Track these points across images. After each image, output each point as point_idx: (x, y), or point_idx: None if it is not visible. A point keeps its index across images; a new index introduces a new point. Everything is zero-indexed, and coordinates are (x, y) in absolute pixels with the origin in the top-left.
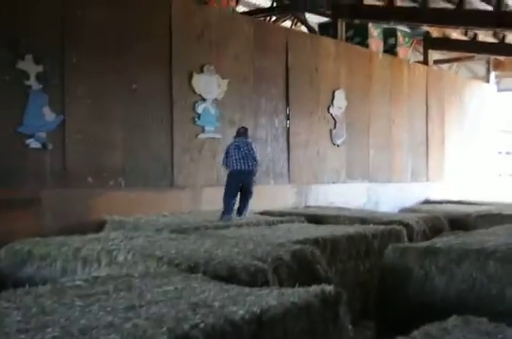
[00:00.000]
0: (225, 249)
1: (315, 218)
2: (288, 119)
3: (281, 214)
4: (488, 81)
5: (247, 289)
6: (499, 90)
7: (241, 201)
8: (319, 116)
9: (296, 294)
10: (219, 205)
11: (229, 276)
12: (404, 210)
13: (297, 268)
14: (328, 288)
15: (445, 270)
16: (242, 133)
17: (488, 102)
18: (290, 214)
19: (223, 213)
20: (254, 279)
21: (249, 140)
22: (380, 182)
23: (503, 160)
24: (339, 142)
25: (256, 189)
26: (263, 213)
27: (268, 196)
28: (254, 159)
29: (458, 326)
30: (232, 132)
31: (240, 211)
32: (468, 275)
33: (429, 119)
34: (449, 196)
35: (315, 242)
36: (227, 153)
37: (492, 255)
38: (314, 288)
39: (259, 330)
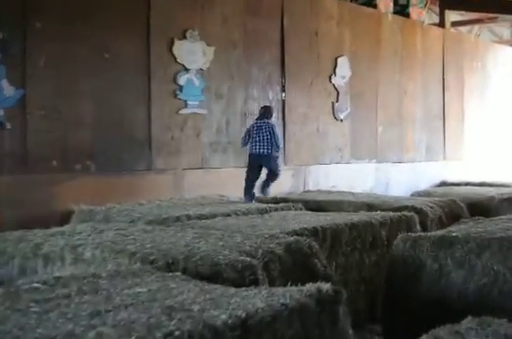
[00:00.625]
0: (209, 242)
1: (315, 205)
2: (283, 90)
3: (275, 200)
4: None
5: (232, 289)
6: None
7: (264, 181)
8: (319, 87)
9: (288, 294)
10: (205, 191)
11: (212, 274)
12: (417, 194)
13: (292, 264)
14: (326, 286)
15: (463, 263)
16: (264, 113)
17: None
18: (285, 200)
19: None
20: (241, 277)
21: (273, 122)
22: (390, 162)
23: None
24: (342, 117)
25: (243, 172)
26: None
27: (260, 179)
28: (276, 145)
29: (473, 329)
30: (219, 106)
31: (262, 189)
32: (489, 268)
33: (446, 89)
34: (469, 177)
35: (314, 233)
36: (248, 132)
37: None
38: (309, 287)
39: (244, 337)
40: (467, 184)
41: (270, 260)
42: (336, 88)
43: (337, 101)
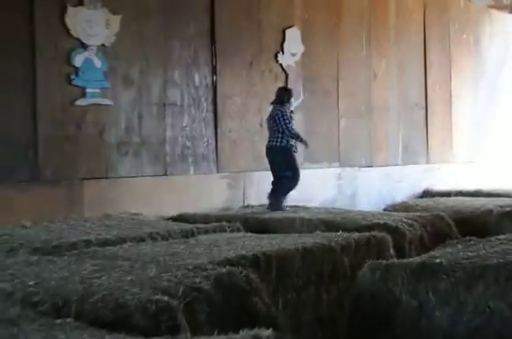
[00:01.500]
0: (113, 277)
1: (257, 224)
2: (215, 73)
3: (205, 219)
4: None
5: None
6: None
7: (273, 188)
8: (262, 68)
9: None
10: (111, 208)
11: (116, 320)
12: (392, 207)
13: (224, 304)
14: (266, 333)
15: (449, 299)
16: (276, 97)
17: None
18: (218, 218)
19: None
20: (155, 323)
21: (282, 108)
22: (357, 166)
23: None
24: (293, 107)
25: (167, 182)
26: (176, 218)
27: (186, 191)
28: (280, 131)
29: None
30: (129, 95)
31: (269, 203)
32: (483, 305)
33: (429, 70)
34: (461, 184)
35: (254, 262)
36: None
37: None
38: (244, 335)
39: None
40: (457, 193)
41: (195, 299)
42: (284, 70)
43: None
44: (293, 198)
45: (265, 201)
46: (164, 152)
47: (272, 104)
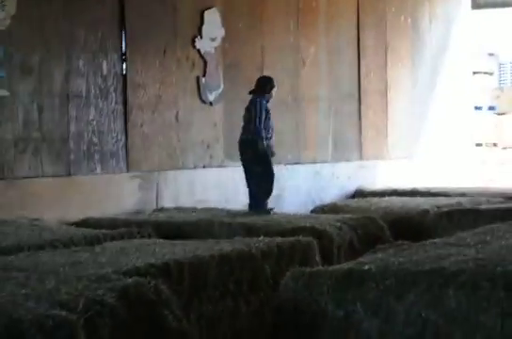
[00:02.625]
0: (5, 289)
1: (171, 230)
2: (125, 61)
3: (113, 224)
4: None
5: None
6: (476, 7)
7: (249, 191)
8: (178, 55)
9: None
10: (6, 213)
11: (8, 337)
12: (320, 209)
13: (129, 317)
14: None
15: (379, 309)
16: (257, 87)
17: (460, 26)
18: (128, 223)
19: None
20: None
21: (261, 99)
22: (282, 163)
23: (483, 121)
24: (212, 98)
25: (71, 182)
26: (81, 223)
27: (92, 193)
28: (253, 123)
29: None
30: (28, 85)
31: (249, 205)
32: (415, 315)
33: (363, 56)
34: (396, 183)
35: (164, 271)
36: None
37: (453, 280)
38: None
39: None
40: (392, 193)
41: (97, 313)
42: (203, 57)
43: (204, 75)
44: (211, 199)
45: (182, 204)
46: (67, 149)
47: (250, 93)
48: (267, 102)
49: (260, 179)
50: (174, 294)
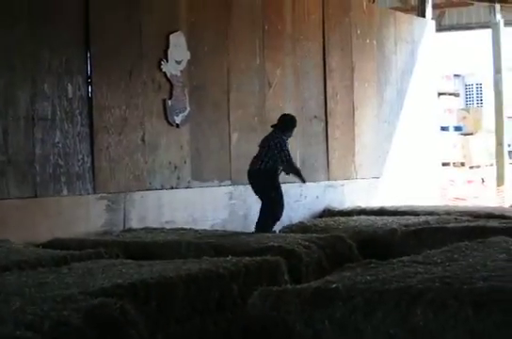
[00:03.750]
0: None
1: (138, 250)
2: (90, 83)
3: (80, 245)
4: (423, 14)
5: None
6: (441, 29)
7: (259, 217)
8: (144, 77)
9: None
10: None
11: None
12: (288, 228)
13: (95, 338)
14: None
15: (346, 327)
16: (281, 123)
17: (425, 48)
18: (95, 244)
19: None
20: None
21: (283, 135)
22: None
23: (450, 141)
24: (179, 120)
25: (38, 204)
26: (48, 245)
27: (59, 214)
28: (268, 156)
29: None
30: None
31: (256, 229)
32: (383, 333)
33: (329, 78)
34: (364, 202)
35: (131, 291)
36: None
37: (421, 298)
38: None
39: None
40: (360, 212)
41: (62, 334)
42: (169, 80)
43: (170, 97)
44: (178, 220)
45: (149, 225)
46: (33, 171)
47: (273, 127)
48: (287, 138)
49: (274, 205)
50: (141, 314)
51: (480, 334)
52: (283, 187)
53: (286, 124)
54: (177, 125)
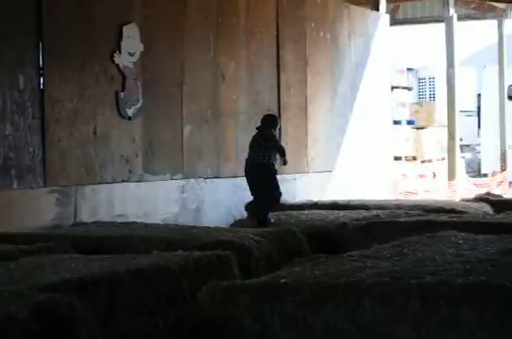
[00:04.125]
0: None
1: (89, 244)
2: (42, 75)
3: (30, 239)
4: (377, 8)
5: None
6: (395, 23)
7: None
8: (96, 69)
9: None
10: None
11: None
12: (240, 223)
13: (42, 335)
14: None
15: (295, 322)
16: (265, 123)
17: (379, 42)
18: (45, 238)
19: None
20: None
21: (270, 131)
22: (203, 177)
23: (402, 135)
24: (131, 113)
25: None
26: None
27: (8, 208)
28: (263, 149)
29: None
30: None
31: (258, 220)
32: (331, 328)
33: (282, 70)
34: (316, 196)
35: (79, 287)
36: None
37: (369, 293)
38: None
39: None
40: (312, 206)
41: (8, 330)
42: (121, 71)
43: (123, 90)
44: (130, 213)
45: (101, 219)
46: None
47: (258, 129)
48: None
49: (271, 196)
50: (89, 310)
51: (428, 329)
52: (236, 180)
53: (271, 123)
54: (129, 118)
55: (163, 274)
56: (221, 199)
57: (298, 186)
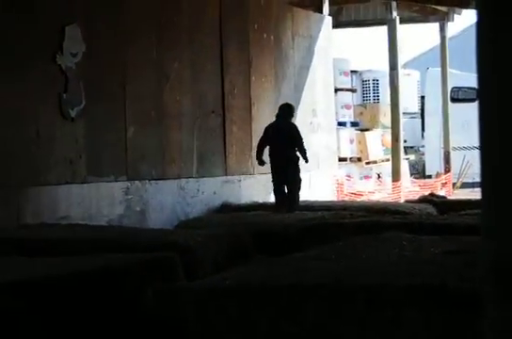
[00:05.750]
0: None
1: (32, 247)
2: None
3: None
4: (320, 10)
5: None
6: (338, 25)
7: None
8: (38, 70)
9: None
10: None
11: None
12: (185, 224)
13: None
14: None
15: (239, 323)
16: (285, 112)
17: (323, 43)
18: None
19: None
20: None
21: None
22: (147, 178)
23: (347, 136)
24: (74, 114)
25: None
26: None
27: None
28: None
29: None
30: None
31: (291, 206)
32: (276, 329)
33: (226, 72)
34: (261, 198)
35: (18, 289)
36: None
37: (313, 294)
38: None
39: None
40: (257, 208)
41: None
42: (64, 72)
43: (66, 91)
44: (74, 215)
45: (44, 220)
46: None
47: (278, 117)
48: None
49: (298, 184)
50: (29, 312)
51: (372, 330)
52: (181, 182)
53: (293, 113)
54: (72, 119)
55: (106, 276)
56: (166, 200)
57: (244, 188)
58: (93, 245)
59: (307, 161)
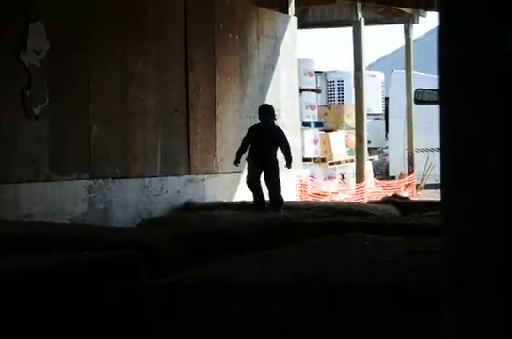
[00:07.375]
0: None
1: None
2: None
3: None
4: (285, 10)
5: None
6: (303, 26)
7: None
8: (1, 67)
9: None
10: None
11: None
12: (148, 223)
13: None
14: None
15: (203, 322)
16: (268, 113)
17: (288, 44)
18: None
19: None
20: None
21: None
22: (110, 177)
23: (311, 136)
24: (37, 111)
25: None
26: None
27: None
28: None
29: None
30: None
31: (277, 204)
32: (239, 328)
33: (191, 70)
34: (225, 197)
35: None
36: None
37: (276, 294)
38: None
39: None
40: (221, 207)
41: None
42: (28, 69)
43: (29, 88)
44: (36, 213)
45: (6, 218)
46: None
47: (262, 119)
48: None
49: (279, 184)
50: None
51: (334, 330)
52: (144, 181)
53: (273, 113)
54: (35, 116)
55: (68, 275)
56: (129, 199)
57: (207, 187)
58: (55, 243)
59: (290, 167)
